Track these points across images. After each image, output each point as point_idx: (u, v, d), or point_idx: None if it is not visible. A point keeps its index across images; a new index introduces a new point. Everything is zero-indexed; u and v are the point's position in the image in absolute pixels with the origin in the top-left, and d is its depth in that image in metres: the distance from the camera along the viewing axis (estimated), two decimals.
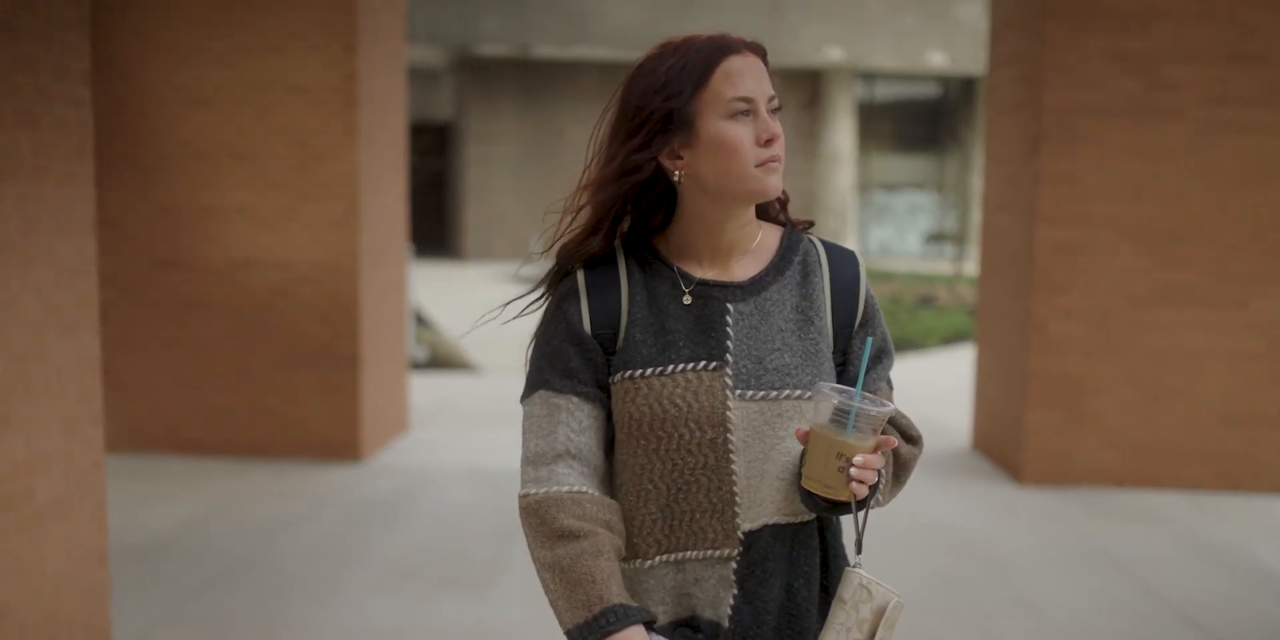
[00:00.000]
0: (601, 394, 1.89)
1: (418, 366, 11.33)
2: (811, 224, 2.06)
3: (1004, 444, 7.42)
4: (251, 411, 7.23)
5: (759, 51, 1.91)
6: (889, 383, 1.98)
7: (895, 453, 1.97)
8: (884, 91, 29.73)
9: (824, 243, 2.01)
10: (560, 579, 1.79)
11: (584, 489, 1.85)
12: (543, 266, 2.04)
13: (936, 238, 28.39)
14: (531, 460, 1.89)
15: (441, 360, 11.82)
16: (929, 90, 30.00)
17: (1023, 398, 7.10)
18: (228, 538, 5.67)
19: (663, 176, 1.91)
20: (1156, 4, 6.95)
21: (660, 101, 1.85)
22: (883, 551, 5.60)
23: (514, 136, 29.44)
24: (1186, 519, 6.38)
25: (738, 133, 1.85)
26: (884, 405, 1.78)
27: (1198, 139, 6.95)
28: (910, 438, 2.01)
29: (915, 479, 6.73)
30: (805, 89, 27.79)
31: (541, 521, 1.83)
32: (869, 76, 28.90)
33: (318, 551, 5.49)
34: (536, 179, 29.04)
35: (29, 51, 3.62)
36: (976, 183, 23.58)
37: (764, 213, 2.02)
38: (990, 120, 7.98)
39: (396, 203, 8.03)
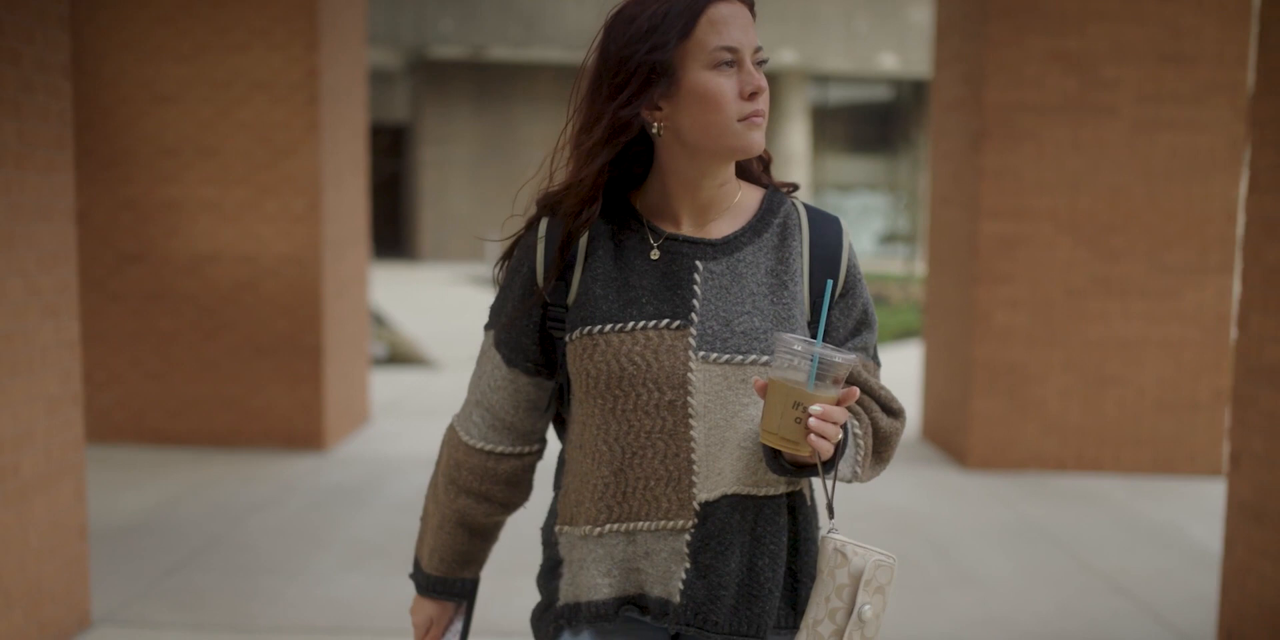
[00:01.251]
0: (522, 358, 1.87)
1: (377, 363, 11.48)
2: (796, 187, 1.95)
3: (950, 431, 7.67)
4: (216, 402, 7.38)
5: (746, 0, 1.81)
6: (875, 359, 1.90)
7: (876, 426, 1.86)
8: (837, 94, 30.06)
9: (807, 207, 1.92)
10: (431, 516, 2.03)
11: (479, 445, 1.92)
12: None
13: (890, 238, 28.75)
14: (469, 390, 1.96)
15: (400, 357, 11.98)
16: (881, 93, 30.36)
17: (968, 386, 7.35)
18: (197, 520, 5.83)
19: (642, 129, 1.82)
20: (1092, 6, 7.22)
21: (645, 52, 1.76)
22: None
23: (469, 138, 29.55)
24: (1123, 500, 6.64)
25: (721, 84, 1.76)
26: (846, 353, 1.68)
27: (1133, 136, 7.22)
28: (891, 410, 1.90)
29: None
30: None
31: (449, 458, 1.96)
32: (822, 79, 29.21)
33: (286, 532, 5.65)
34: (492, 180, 29.17)
35: (13, 45, 3.78)
36: (928, 183, 23.92)
37: (745, 173, 1.93)
38: (935, 118, 8.24)
39: (357, 197, 8.20)
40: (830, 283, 1.78)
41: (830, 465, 1.73)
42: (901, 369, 11.25)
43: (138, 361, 7.40)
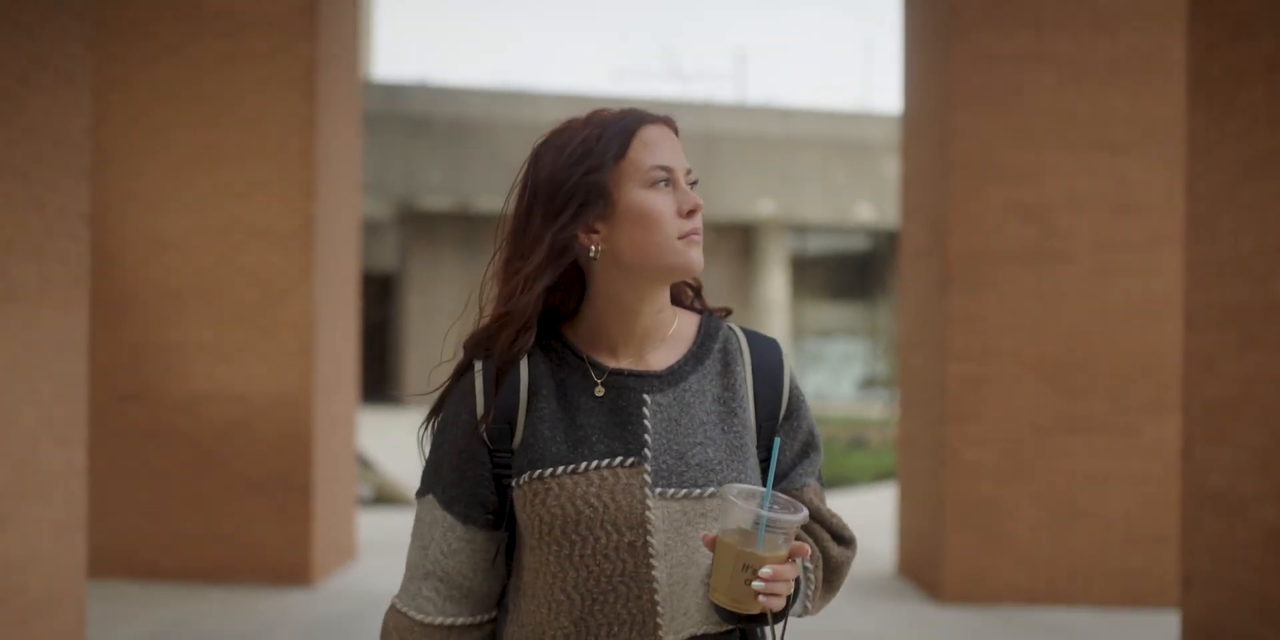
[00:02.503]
0: (478, 511, 1.79)
1: (363, 503, 11.63)
2: (729, 311, 1.92)
3: (925, 566, 7.85)
4: (208, 538, 7.54)
5: (671, 124, 1.84)
6: (818, 479, 1.87)
7: (826, 556, 1.84)
8: (815, 243, 30.74)
9: (745, 331, 1.89)
10: None
11: (435, 621, 1.79)
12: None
13: (869, 383, 29.07)
14: (409, 567, 1.84)
15: (385, 498, 12.13)
16: (858, 242, 31.07)
17: (940, 521, 7.56)
18: None
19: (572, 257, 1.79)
20: (1047, 161, 7.65)
21: (581, 174, 1.76)
22: None
23: (456, 286, 30.05)
24: (1090, 633, 6.80)
25: (658, 202, 1.76)
26: (798, 510, 1.64)
27: (1090, 281, 7.58)
28: (842, 539, 1.87)
29: (839, 601, 7.10)
30: (738, 240, 28.66)
31: None
32: (800, 229, 29.90)
33: None
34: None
35: (38, 193, 4.10)
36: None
37: (677, 300, 1.90)
38: (903, 265, 8.61)
39: (348, 339, 8.49)
40: (778, 440, 1.76)
41: (781, 616, 1.70)
42: (882, 508, 11.44)
43: (131, 497, 7.58)
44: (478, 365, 1.81)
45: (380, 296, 32.77)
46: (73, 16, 4.31)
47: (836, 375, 30.03)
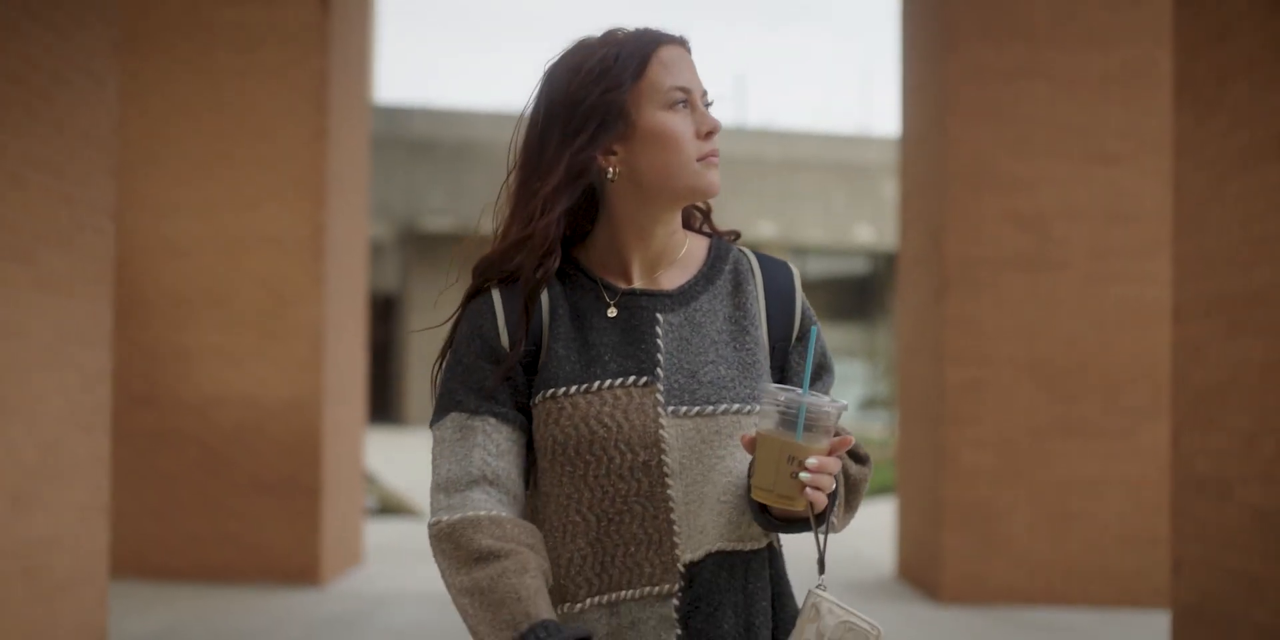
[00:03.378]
0: (521, 416, 1.74)
1: (368, 513, 11.76)
2: (738, 235, 1.91)
3: (924, 568, 7.98)
4: (217, 538, 7.68)
5: (686, 45, 1.81)
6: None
7: (845, 473, 1.79)
8: (815, 265, 30.93)
9: (756, 253, 1.87)
10: (480, 602, 1.63)
11: (500, 514, 1.69)
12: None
13: (870, 403, 29.19)
14: (443, 486, 1.73)
15: (390, 508, 12.26)
16: (858, 265, 31.27)
17: (939, 523, 7.69)
18: None
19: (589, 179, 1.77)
20: (1042, 171, 7.81)
21: (599, 94, 1.74)
22: None
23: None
24: (1088, 632, 6.92)
25: (677, 124, 1.75)
26: (835, 401, 1.65)
27: (1085, 287, 7.74)
28: (859, 457, 1.83)
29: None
30: None
31: (456, 546, 1.68)
32: (801, 251, 30.10)
33: None
34: None
35: (69, 189, 4.25)
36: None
37: (687, 223, 1.88)
38: (901, 272, 8.77)
39: (356, 346, 8.64)
40: (815, 329, 1.76)
41: (822, 517, 1.68)
42: (878, 522, 11.56)
43: (143, 499, 7.71)
44: (495, 292, 1.77)
45: (383, 317, 32.95)
46: (102, 20, 4.48)
47: (837, 396, 30.08)
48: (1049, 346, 7.70)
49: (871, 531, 10.45)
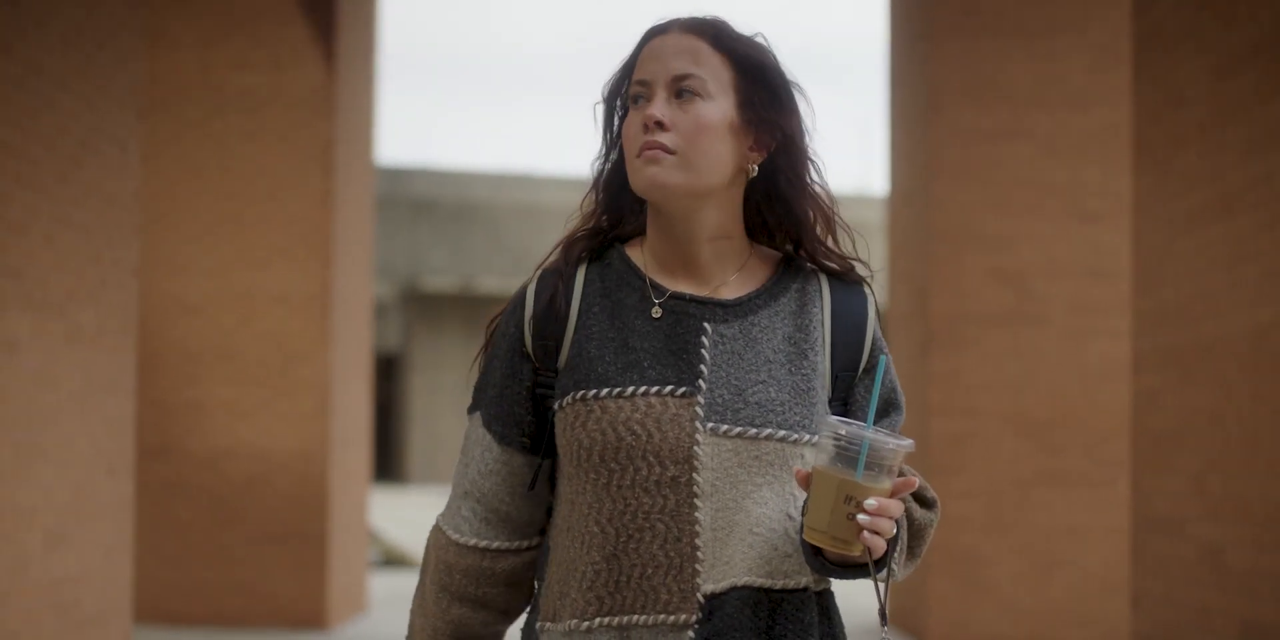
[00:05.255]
0: (516, 432, 1.70)
1: (373, 565, 11.97)
2: (851, 266, 1.76)
3: (911, 614, 8.20)
4: (227, 586, 7.93)
5: (699, 29, 1.66)
6: None
7: (910, 518, 1.65)
8: None
9: (829, 273, 1.73)
10: (419, 611, 1.80)
11: (471, 542, 1.72)
12: None
13: None
14: (454, 486, 1.80)
15: (393, 560, 12.50)
16: None
17: (926, 570, 7.93)
18: None
19: None
20: (1023, 229, 8.12)
21: (604, 95, 1.73)
22: None
23: (458, 365, 30.44)
24: None
25: (630, 124, 1.65)
26: (901, 439, 1.52)
27: (1066, 342, 8.02)
28: (925, 500, 1.70)
29: None
30: None
31: (424, 567, 1.81)
32: None
33: None
34: None
35: (96, 248, 4.55)
36: None
37: (769, 242, 1.74)
38: (890, 328, 9.07)
39: (361, 399, 8.93)
40: (885, 359, 1.66)
41: (882, 563, 1.56)
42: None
43: (156, 548, 7.95)
44: (533, 282, 1.72)
45: (384, 376, 33.21)
46: (127, 90, 4.81)
47: None
48: (1032, 399, 7.97)
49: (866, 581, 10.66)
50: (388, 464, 32.01)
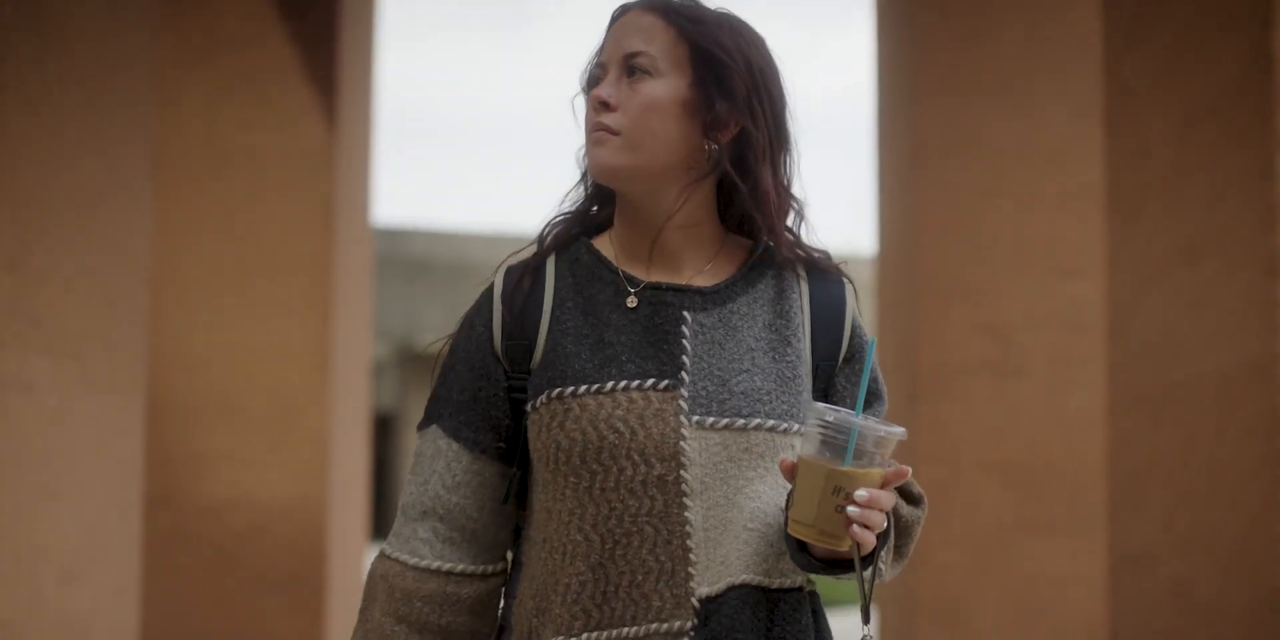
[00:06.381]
0: (490, 437, 1.60)
1: None
2: (826, 255, 1.71)
3: None
4: (227, 634, 8.04)
5: (656, 6, 1.59)
6: None
7: (896, 513, 1.61)
8: None
9: (809, 263, 1.68)
10: None
11: (432, 565, 1.60)
12: None
13: None
14: (403, 509, 1.64)
15: None
16: None
17: (912, 618, 8.06)
18: None
19: None
20: (1005, 283, 8.35)
21: (583, 84, 1.65)
22: None
23: None
24: None
25: (586, 106, 1.61)
26: (892, 426, 1.46)
27: (1047, 392, 8.21)
28: (911, 496, 1.69)
29: None
30: None
31: (371, 602, 1.63)
32: None
33: None
34: None
35: (111, 297, 4.74)
36: None
37: (749, 232, 1.67)
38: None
39: (359, 452, 9.11)
40: (873, 340, 1.61)
41: (870, 560, 1.51)
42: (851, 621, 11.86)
43: (157, 596, 8.07)
44: (499, 277, 1.65)
45: (380, 434, 33.29)
46: (141, 149, 5.03)
47: None
48: (1015, 449, 8.15)
49: (846, 629, 10.76)
50: (383, 521, 32.02)
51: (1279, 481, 3.82)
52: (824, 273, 1.68)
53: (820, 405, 1.45)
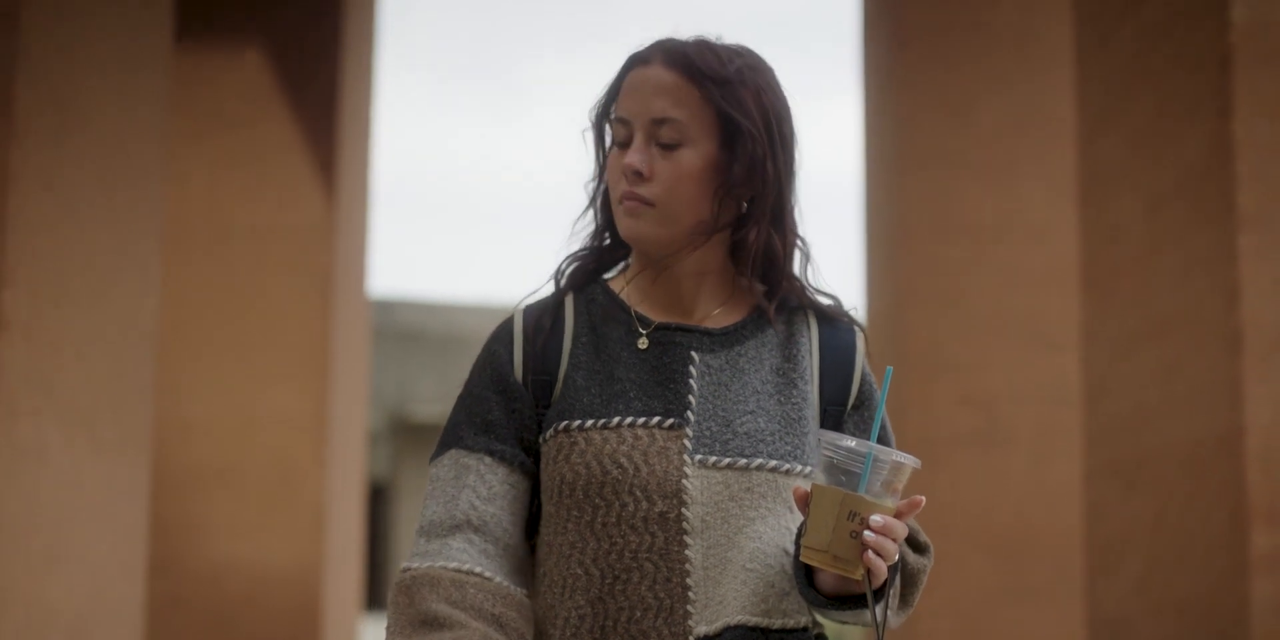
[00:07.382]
0: (523, 455, 1.59)
1: None
2: (836, 301, 1.73)
3: None
4: None
5: (680, 63, 1.56)
6: None
7: (903, 562, 1.60)
8: None
9: (816, 307, 1.72)
10: None
11: (475, 569, 1.52)
12: None
13: None
14: (425, 529, 1.56)
15: None
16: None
17: None
18: None
19: None
20: (990, 356, 8.54)
21: (592, 119, 1.64)
22: None
23: None
24: None
25: (612, 164, 1.61)
26: (906, 454, 1.47)
27: (1032, 463, 8.37)
28: (918, 544, 1.68)
29: None
30: None
31: (410, 602, 1.51)
32: None
33: None
34: None
35: (119, 367, 4.92)
36: None
37: (768, 279, 1.68)
38: None
39: (354, 520, 9.24)
40: (890, 369, 1.59)
41: (881, 593, 1.50)
42: None
43: None
44: (518, 315, 1.65)
45: (373, 505, 33.25)
46: (150, 224, 5.24)
47: None
48: (1000, 518, 8.29)
49: None
50: (378, 590, 31.87)
51: (1246, 547, 3.98)
52: (834, 320, 1.71)
53: (833, 434, 1.48)
